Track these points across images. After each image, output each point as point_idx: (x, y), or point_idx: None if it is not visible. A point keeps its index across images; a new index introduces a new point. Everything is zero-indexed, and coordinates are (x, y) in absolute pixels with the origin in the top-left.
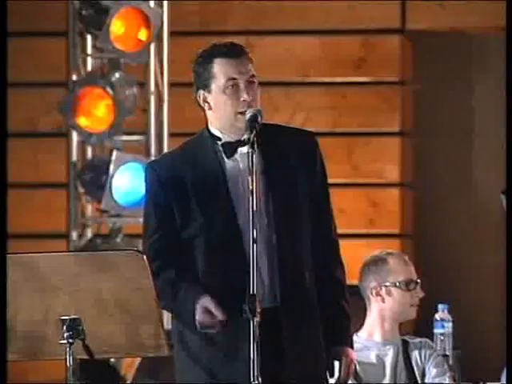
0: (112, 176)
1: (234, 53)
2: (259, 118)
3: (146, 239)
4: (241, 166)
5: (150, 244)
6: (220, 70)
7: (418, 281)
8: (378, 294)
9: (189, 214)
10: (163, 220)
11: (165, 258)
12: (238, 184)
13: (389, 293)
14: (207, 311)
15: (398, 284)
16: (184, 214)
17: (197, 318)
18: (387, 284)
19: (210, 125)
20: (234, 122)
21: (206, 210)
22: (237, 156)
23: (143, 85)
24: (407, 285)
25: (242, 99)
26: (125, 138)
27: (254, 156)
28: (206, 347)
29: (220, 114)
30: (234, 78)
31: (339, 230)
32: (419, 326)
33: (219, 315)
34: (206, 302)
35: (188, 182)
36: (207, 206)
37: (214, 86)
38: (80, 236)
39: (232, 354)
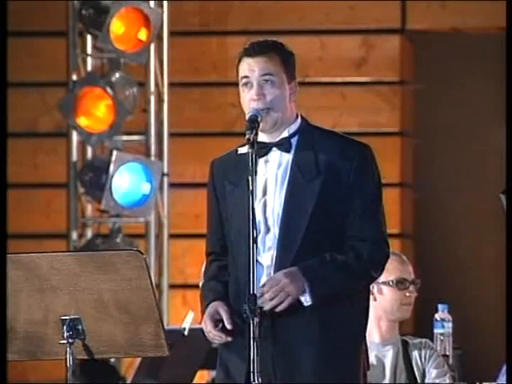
0: (112, 176)
1: (252, 51)
2: (259, 118)
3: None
4: (267, 167)
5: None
6: (239, 68)
7: (418, 280)
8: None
9: (225, 209)
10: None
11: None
12: (256, 183)
13: (380, 291)
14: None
15: (389, 283)
16: (223, 209)
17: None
18: (379, 282)
19: None
20: None
21: (233, 207)
22: (268, 156)
23: (143, 85)
24: (398, 284)
25: (251, 98)
26: (125, 137)
27: (254, 156)
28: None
29: (245, 112)
30: (247, 77)
31: None
32: (419, 326)
33: (227, 322)
34: (217, 306)
35: (229, 177)
36: (235, 203)
37: (240, 85)
38: (80, 236)
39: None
